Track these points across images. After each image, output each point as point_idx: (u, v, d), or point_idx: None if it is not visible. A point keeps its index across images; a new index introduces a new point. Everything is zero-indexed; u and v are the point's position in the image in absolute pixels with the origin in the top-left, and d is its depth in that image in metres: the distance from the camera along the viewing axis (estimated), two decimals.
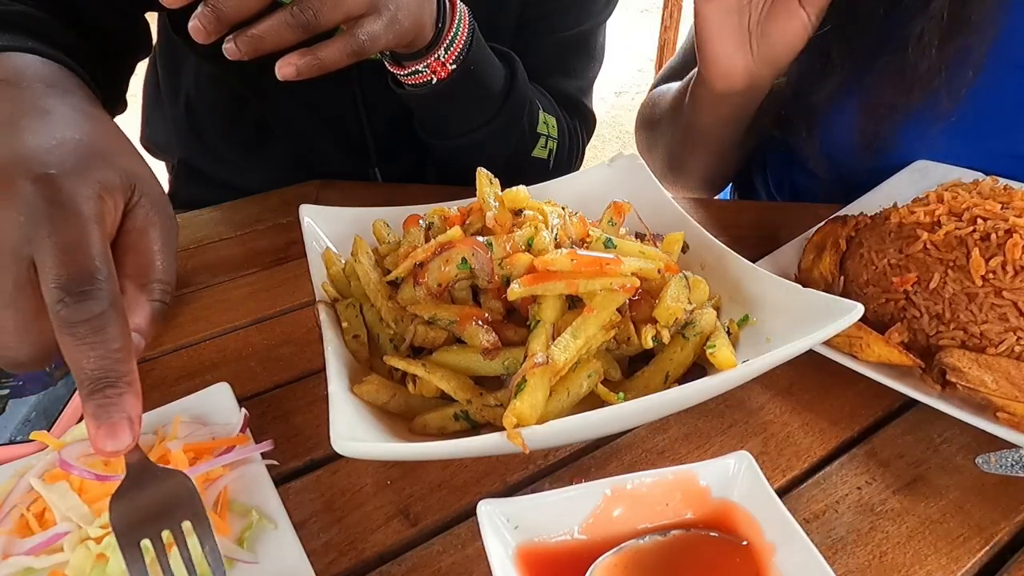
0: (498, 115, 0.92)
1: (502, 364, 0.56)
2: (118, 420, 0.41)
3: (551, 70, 1.10)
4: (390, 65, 0.84)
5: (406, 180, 1.14)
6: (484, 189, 0.65)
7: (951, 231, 0.64)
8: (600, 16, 1.13)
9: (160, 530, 0.44)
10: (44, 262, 0.43)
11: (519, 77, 0.93)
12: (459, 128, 0.94)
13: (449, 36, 0.81)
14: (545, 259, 0.57)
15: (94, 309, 0.41)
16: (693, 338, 0.58)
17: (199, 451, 0.54)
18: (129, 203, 0.51)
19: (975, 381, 0.57)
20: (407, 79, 0.85)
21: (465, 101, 0.90)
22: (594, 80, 1.20)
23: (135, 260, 0.51)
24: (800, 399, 0.63)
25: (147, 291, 0.50)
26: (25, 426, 0.60)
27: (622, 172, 0.83)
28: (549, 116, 1.03)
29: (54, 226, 0.44)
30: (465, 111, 0.92)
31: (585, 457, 0.58)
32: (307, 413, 0.63)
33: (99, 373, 0.41)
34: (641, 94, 4.44)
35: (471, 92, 0.88)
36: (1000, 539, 0.51)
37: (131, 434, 0.41)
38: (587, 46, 1.14)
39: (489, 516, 0.46)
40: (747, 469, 0.49)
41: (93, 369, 0.41)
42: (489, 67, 0.89)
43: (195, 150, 1.15)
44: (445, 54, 0.81)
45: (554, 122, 1.04)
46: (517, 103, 0.94)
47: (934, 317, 0.63)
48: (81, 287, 0.42)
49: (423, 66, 0.82)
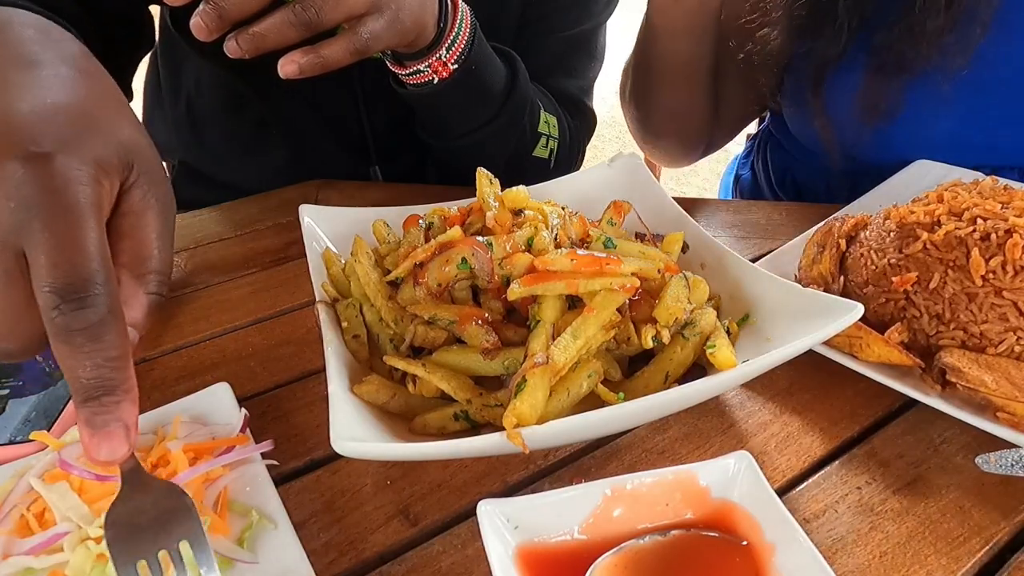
0: (499, 115, 0.92)
1: (502, 364, 0.56)
2: (114, 428, 0.39)
3: (552, 70, 1.10)
4: (391, 64, 0.84)
5: (406, 180, 1.14)
6: (484, 189, 0.65)
7: (951, 231, 0.64)
8: (601, 16, 1.13)
9: (157, 549, 0.43)
10: (37, 259, 0.40)
11: (520, 77, 0.93)
12: (460, 128, 0.94)
13: (451, 36, 0.81)
14: (545, 259, 0.57)
15: (91, 318, 0.39)
16: (693, 338, 0.58)
17: (199, 451, 0.54)
18: (126, 182, 0.47)
19: (975, 381, 0.57)
20: (409, 79, 0.84)
21: (466, 101, 0.89)
22: (595, 80, 1.21)
23: (131, 248, 0.47)
24: (800, 399, 0.63)
25: (143, 282, 0.47)
26: (25, 426, 0.60)
27: (622, 172, 0.83)
28: (550, 116, 1.03)
29: (48, 218, 0.40)
30: (466, 111, 0.92)
31: (585, 457, 0.58)
32: (307, 413, 0.63)
33: (95, 382, 0.39)
34: None
35: (472, 92, 0.88)
36: (1000, 539, 0.51)
37: (127, 443, 0.40)
38: (588, 46, 1.14)
39: (489, 516, 0.46)
40: (747, 469, 0.49)
41: (89, 378, 0.39)
42: (490, 67, 0.89)
43: (195, 151, 1.15)
44: (447, 54, 0.81)
45: (555, 122, 1.04)
46: (518, 103, 0.94)
47: (934, 317, 0.63)
48: (78, 293, 0.39)
49: (424, 66, 0.82)
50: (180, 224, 0.98)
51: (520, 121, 0.96)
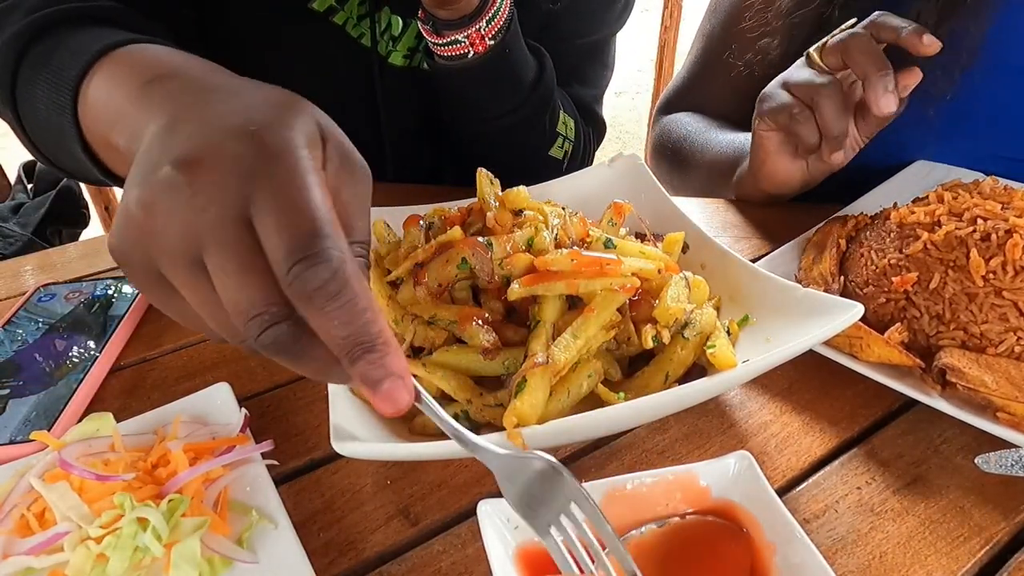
0: (523, 104, 0.93)
1: (502, 364, 0.56)
2: (389, 385, 0.38)
3: (567, 77, 1.10)
4: (428, 34, 0.85)
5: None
6: (484, 189, 0.65)
7: (951, 231, 0.64)
8: (615, 25, 1.14)
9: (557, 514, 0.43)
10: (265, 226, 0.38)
11: (547, 71, 0.94)
12: (486, 111, 0.94)
13: (492, 9, 0.82)
14: (545, 259, 0.57)
15: (324, 275, 0.37)
16: (693, 338, 0.58)
17: (199, 451, 0.54)
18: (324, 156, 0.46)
19: (975, 381, 0.57)
20: (443, 49, 0.85)
21: (496, 82, 0.90)
22: (606, 89, 1.21)
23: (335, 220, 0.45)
24: (800, 399, 0.63)
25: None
26: (25, 426, 0.60)
27: (622, 172, 0.83)
28: (568, 117, 1.04)
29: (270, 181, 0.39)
30: (494, 94, 0.92)
31: (585, 457, 0.58)
32: (307, 413, 0.63)
33: (352, 339, 0.38)
34: (641, 94, 4.44)
35: (503, 75, 0.89)
36: (1000, 539, 0.51)
37: (407, 392, 0.39)
38: (602, 55, 1.15)
39: (489, 516, 0.46)
40: (747, 469, 0.49)
41: (344, 336, 0.38)
42: (521, 54, 0.90)
43: None
44: (487, 26, 0.82)
45: (572, 124, 1.05)
46: (543, 96, 0.95)
47: (934, 317, 0.63)
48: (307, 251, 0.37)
49: (463, 35, 0.83)
50: None
51: (542, 115, 0.97)
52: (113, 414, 0.57)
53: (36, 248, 1.22)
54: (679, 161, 1.15)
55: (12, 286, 0.85)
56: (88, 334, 0.71)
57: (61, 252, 0.95)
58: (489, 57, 0.85)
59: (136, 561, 0.47)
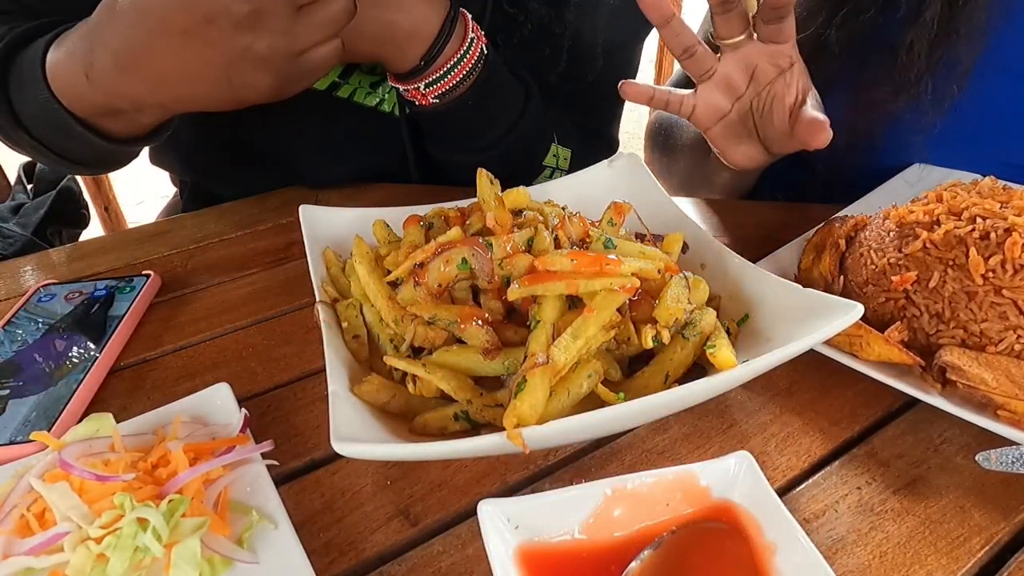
0: (497, 143, 0.94)
1: (502, 364, 0.56)
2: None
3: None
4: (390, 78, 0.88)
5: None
6: (484, 189, 0.65)
7: (950, 230, 0.64)
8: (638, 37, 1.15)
9: None
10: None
11: (528, 114, 0.95)
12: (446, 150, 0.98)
13: (435, 75, 0.84)
14: (545, 259, 0.57)
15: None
16: (693, 338, 0.58)
17: (199, 451, 0.54)
18: None
19: (975, 379, 0.57)
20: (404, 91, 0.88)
21: (454, 127, 0.93)
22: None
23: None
24: (800, 399, 0.63)
25: None
26: (25, 426, 0.60)
27: (622, 172, 0.83)
28: (563, 148, 1.03)
29: None
30: (454, 136, 0.96)
31: (585, 457, 0.58)
32: (307, 413, 0.63)
33: None
34: None
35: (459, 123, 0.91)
36: (1000, 539, 0.51)
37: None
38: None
39: (489, 516, 0.46)
40: (747, 469, 0.49)
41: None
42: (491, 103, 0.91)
43: (205, 175, 1.15)
44: (426, 88, 0.85)
45: (567, 155, 1.04)
46: (521, 136, 0.95)
47: (934, 316, 0.63)
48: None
49: (403, 89, 0.87)
50: (181, 225, 0.98)
51: (518, 154, 0.98)
52: (113, 414, 0.57)
53: (36, 248, 1.22)
54: (669, 145, 1.17)
55: (12, 286, 0.85)
56: (88, 334, 0.71)
57: (61, 252, 0.95)
58: (437, 111, 0.88)
59: (136, 561, 0.47)
